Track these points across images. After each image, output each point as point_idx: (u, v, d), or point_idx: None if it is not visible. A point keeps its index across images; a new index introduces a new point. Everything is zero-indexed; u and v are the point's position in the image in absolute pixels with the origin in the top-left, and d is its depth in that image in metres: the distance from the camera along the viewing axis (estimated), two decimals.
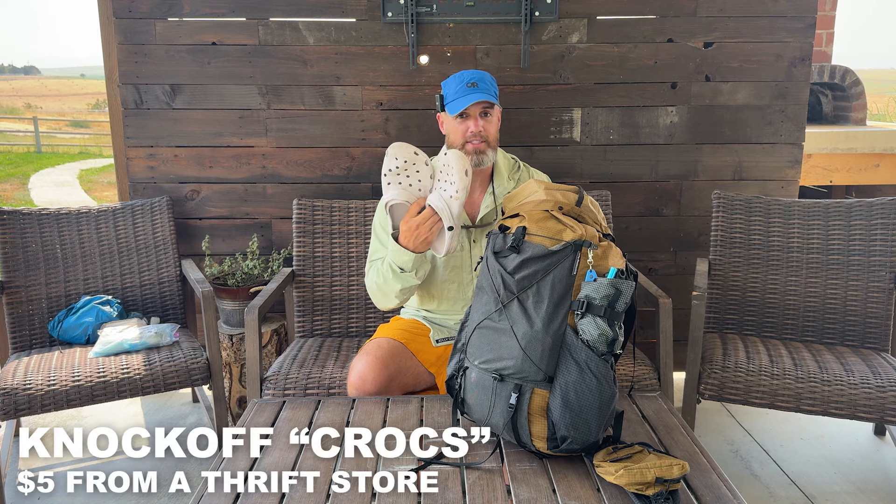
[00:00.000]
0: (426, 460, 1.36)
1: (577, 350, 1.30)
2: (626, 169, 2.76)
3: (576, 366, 1.30)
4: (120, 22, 2.62)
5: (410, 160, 1.80)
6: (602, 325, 1.29)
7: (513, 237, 1.39)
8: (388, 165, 1.80)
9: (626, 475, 1.22)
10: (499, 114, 1.98)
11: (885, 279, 2.32)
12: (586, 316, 1.30)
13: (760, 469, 2.36)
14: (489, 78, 1.94)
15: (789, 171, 2.78)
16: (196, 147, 2.71)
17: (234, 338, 2.52)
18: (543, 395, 1.33)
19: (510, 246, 1.39)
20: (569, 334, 1.32)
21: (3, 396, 1.97)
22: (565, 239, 1.35)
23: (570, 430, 1.30)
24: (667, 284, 2.80)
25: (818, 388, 2.00)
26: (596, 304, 1.29)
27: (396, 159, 1.80)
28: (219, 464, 1.37)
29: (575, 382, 1.30)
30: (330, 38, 2.64)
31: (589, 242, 1.33)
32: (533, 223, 1.39)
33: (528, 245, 1.37)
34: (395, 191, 1.78)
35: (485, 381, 1.39)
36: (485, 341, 1.41)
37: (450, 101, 1.91)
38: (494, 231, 1.47)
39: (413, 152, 1.81)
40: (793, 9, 2.66)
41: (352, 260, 2.45)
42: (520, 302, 1.36)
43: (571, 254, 1.33)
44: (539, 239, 1.37)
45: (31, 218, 2.46)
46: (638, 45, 2.67)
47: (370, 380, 1.78)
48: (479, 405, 1.41)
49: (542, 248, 1.35)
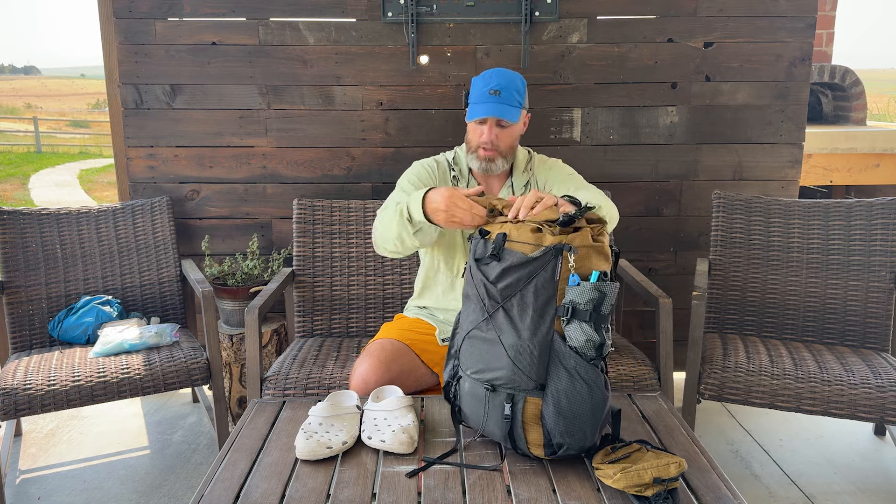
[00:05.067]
0: (427, 460, 1.36)
1: (566, 357, 1.29)
2: (626, 169, 2.76)
3: (566, 373, 1.29)
4: (120, 22, 2.62)
5: None
6: (588, 331, 1.28)
7: (493, 245, 1.36)
8: None
9: (624, 478, 1.22)
10: (522, 121, 1.92)
11: (885, 279, 2.32)
12: (572, 322, 1.29)
13: (760, 469, 2.36)
14: (515, 85, 1.86)
15: (789, 171, 2.79)
16: (196, 147, 2.71)
17: (234, 338, 2.52)
18: (536, 404, 1.32)
19: (491, 254, 1.36)
20: (556, 341, 1.30)
21: (3, 396, 1.97)
22: (545, 244, 1.32)
23: (564, 437, 1.29)
24: (667, 284, 2.81)
25: (818, 388, 2.00)
26: (581, 308, 1.27)
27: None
28: (219, 464, 1.37)
29: (566, 390, 1.28)
30: (330, 38, 2.64)
31: (569, 246, 1.30)
32: (514, 228, 1.37)
33: (508, 253, 1.34)
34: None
35: (477, 392, 1.38)
36: (475, 351, 1.39)
37: (471, 103, 1.88)
38: (476, 236, 1.43)
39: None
40: (793, 9, 2.66)
41: (352, 260, 2.45)
42: (505, 311, 1.34)
43: (552, 259, 1.30)
44: (519, 245, 1.34)
45: (31, 218, 2.46)
46: (638, 45, 2.67)
47: (372, 383, 1.77)
48: (474, 414, 1.41)
49: (521, 256, 1.32)
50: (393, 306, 2.45)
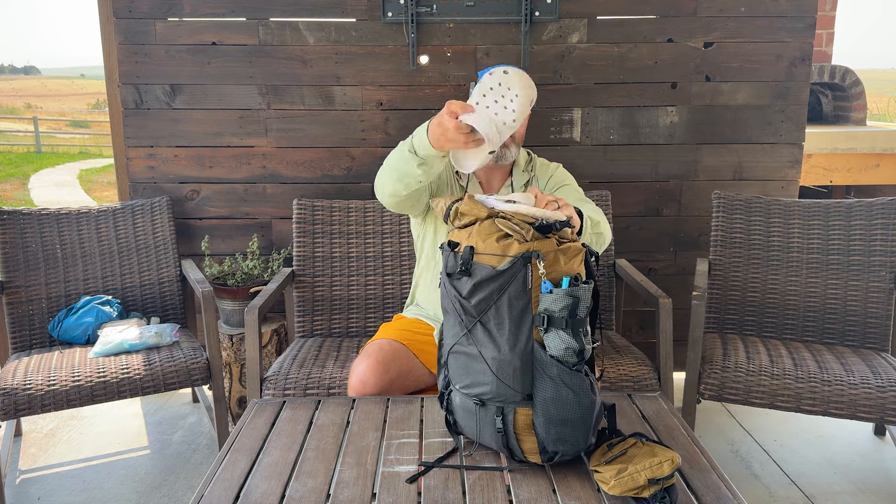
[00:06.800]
0: (426, 463, 1.36)
1: (549, 366, 1.28)
2: (626, 169, 2.76)
3: (550, 382, 1.28)
4: (120, 22, 2.62)
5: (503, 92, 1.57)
6: (567, 339, 1.26)
7: (461, 260, 1.34)
8: (488, 84, 1.58)
9: (619, 485, 1.22)
10: (528, 113, 1.95)
11: (885, 279, 2.32)
12: (550, 330, 1.27)
13: (760, 469, 2.36)
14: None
15: (789, 171, 2.79)
16: (196, 147, 2.71)
17: (234, 338, 2.52)
18: (527, 414, 1.31)
19: (460, 270, 1.33)
20: (537, 350, 1.29)
21: (3, 396, 1.97)
22: (510, 254, 1.29)
23: (557, 445, 1.29)
24: (667, 284, 2.81)
25: (818, 388, 2.00)
26: (556, 316, 1.26)
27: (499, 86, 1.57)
28: (218, 464, 1.37)
29: (553, 398, 1.27)
30: (330, 38, 2.64)
31: (537, 253, 1.27)
32: (480, 240, 1.33)
33: (477, 267, 1.31)
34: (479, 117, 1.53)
35: (468, 406, 1.38)
36: (460, 366, 1.38)
37: None
38: (445, 247, 1.40)
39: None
40: (793, 9, 2.66)
41: (352, 260, 2.45)
42: (482, 325, 1.32)
43: (522, 268, 1.28)
44: (486, 258, 1.31)
45: (31, 218, 2.46)
46: (638, 45, 2.67)
47: (371, 384, 1.77)
48: (467, 427, 1.40)
49: (490, 270, 1.30)
50: (393, 306, 2.45)
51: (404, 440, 1.45)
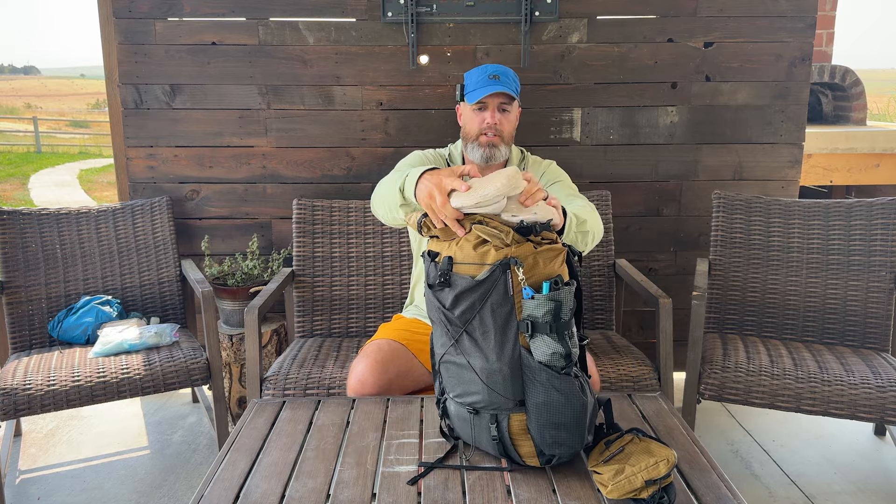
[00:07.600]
0: (426, 464, 1.36)
1: (537, 372, 1.27)
2: (626, 169, 2.76)
3: (540, 387, 1.27)
4: (120, 22, 2.62)
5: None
6: (552, 344, 1.25)
7: (440, 271, 1.32)
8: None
9: (616, 489, 1.22)
10: (517, 112, 1.98)
11: (885, 279, 2.32)
12: (535, 336, 1.26)
13: (760, 469, 2.36)
14: (513, 74, 1.94)
15: (789, 171, 2.78)
16: (196, 147, 2.71)
17: (234, 338, 2.52)
18: (521, 419, 1.31)
19: (440, 281, 1.31)
20: (525, 356, 1.28)
21: (3, 396, 1.97)
22: (488, 261, 1.27)
23: (553, 448, 1.29)
24: (667, 284, 2.81)
25: (818, 388, 2.00)
26: (540, 322, 1.25)
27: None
28: (218, 464, 1.37)
29: (545, 403, 1.27)
30: (330, 38, 2.64)
31: (515, 259, 1.25)
32: (458, 249, 1.31)
33: (457, 278, 1.30)
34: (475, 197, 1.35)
35: (463, 414, 1.37)
36: (451, 375, 1.38)
37: (470, 90, 1.91)
38: (426, 256, 1.38)
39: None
40: (793, 9, 2.66)
41: (352, 260, 2.45)
42: (468, 334, 1.31)
43: (501, 275, 1.26)
44: (465, 268, 1.30)
45: (31, 218, 2.46)
46: (638, 45, 2.67)
47: (370, 384, 1.77)
48: (464, 434, 1.40)
49: (470, 280, 1.28)
50: (393, 306, 2.45)
51: (404, 440, 1.45)
